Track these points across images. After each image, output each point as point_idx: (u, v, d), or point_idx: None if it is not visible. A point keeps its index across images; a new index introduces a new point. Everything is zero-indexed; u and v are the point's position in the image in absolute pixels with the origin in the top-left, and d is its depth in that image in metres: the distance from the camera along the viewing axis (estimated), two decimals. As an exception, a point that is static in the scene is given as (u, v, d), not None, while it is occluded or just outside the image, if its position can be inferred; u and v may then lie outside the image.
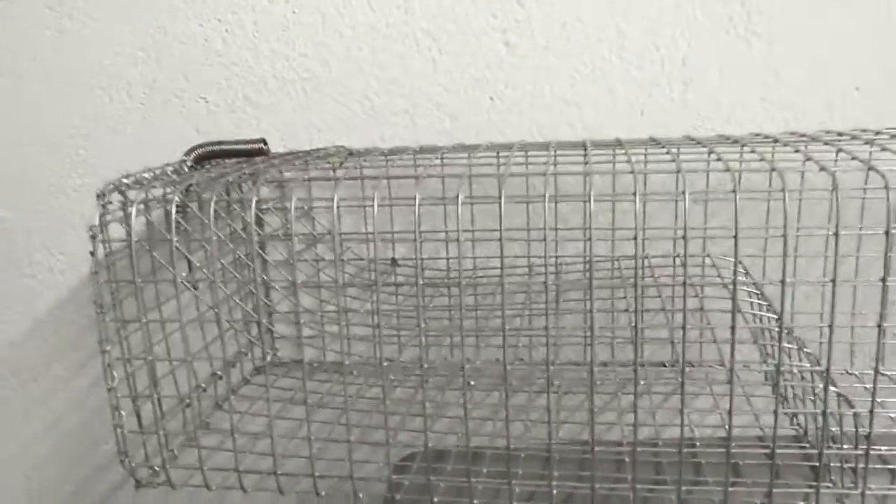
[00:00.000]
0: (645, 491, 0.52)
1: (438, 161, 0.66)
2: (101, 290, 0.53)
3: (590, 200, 0.45)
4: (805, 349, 0.51)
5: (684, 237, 0.45)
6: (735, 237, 0.45)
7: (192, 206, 0.65)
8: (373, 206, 0.48)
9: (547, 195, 0.47)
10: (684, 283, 0.49)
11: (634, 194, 0.45)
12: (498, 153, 0.65)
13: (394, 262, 0.75)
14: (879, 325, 0.42)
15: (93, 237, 0.52)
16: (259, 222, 0.77)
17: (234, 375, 0.74)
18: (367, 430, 0.63)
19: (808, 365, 0.49)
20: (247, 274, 0.76)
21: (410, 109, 0.76)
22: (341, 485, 0.55)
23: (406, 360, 0.77)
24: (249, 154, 0.65)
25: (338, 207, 0.49)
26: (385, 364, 0.54)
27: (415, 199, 0.48)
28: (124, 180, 0.55)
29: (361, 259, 0.77)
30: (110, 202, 0.54)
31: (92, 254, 0.52)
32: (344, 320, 0.74)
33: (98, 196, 0.53)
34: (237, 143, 0.65)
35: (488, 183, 0.73)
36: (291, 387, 0.72)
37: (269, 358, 0.79)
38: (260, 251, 0.78)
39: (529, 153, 0.65)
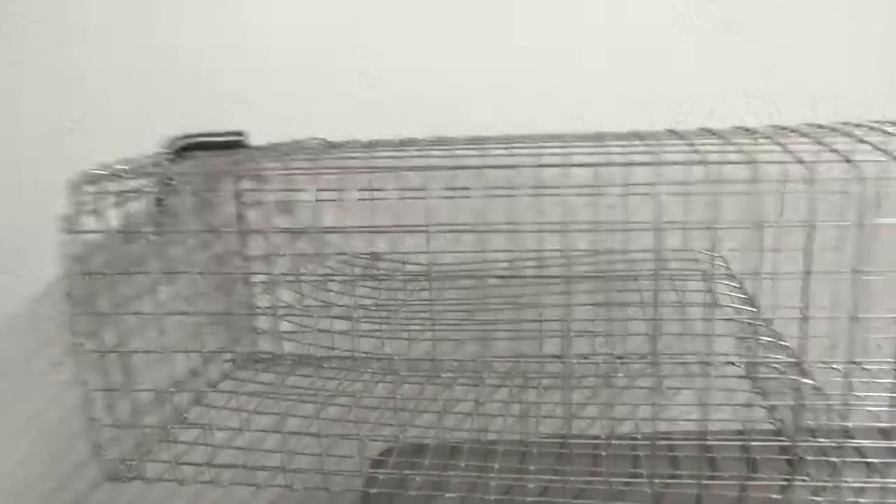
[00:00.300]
0: (621, 485, 0.52)
1: (419, 154, 0.66)
2: (74, 282, 0.53)
3: (574, 186, 0.45)
4: (782, 342, 0.50)
5: (659, 229, 0.45)
6: (708, 228, 0.44)
7: (169, 199, 0.65)
8: (352, 199, 0.48)
9: (527, 188, 0.47)
10: (656, 275, 0.49)
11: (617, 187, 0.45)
12: (480, 146, 0.65)
13: (374, 256, 0.75)
14: (853, 317, 0.42)
15: (64, 229, 0.51)
16: (240, 216, 0.77)
17: (215, 371, 0.73)
18: (345, 424, 0.63)
19: (784, 358, 0.49)
20: (227, 268, 0.75)
21: (396, 103, 0.75)
22: (320, 479, 0.55)
23: (387, 355, 0.77)
24: (228, 146, 0.65)
25: (317, 201, 0.49)
26: (361, 357, 0.54)
27: (390, 191, 0.47)
28: (98, 171, 0.54)
29: (343, 253, 0.77)
30: (84, 193, 0.53)
31: (63, 245, 0.52)
32: (318, 314, 0.73)
33: (70, 187, 0.52)
34: (216, 135, 0.65)
35: (470, 176, 0.72)
36: (272, 381, 0.72)
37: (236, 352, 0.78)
38: (241, 245, 0.77)
39: (512, 146, 0.64)
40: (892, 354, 0.43)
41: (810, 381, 0.44)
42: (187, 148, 0.63)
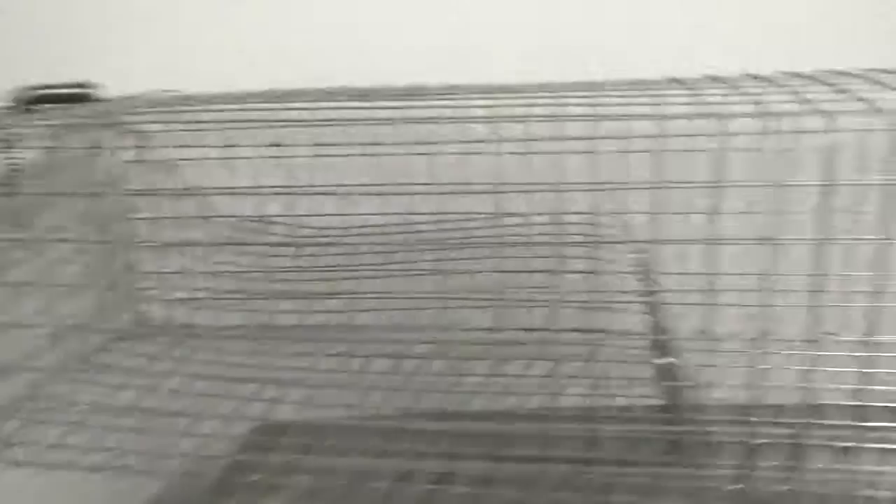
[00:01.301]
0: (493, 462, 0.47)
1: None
2: None
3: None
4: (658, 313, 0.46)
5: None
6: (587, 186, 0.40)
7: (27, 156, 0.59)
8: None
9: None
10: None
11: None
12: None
13: (264, 220, 0.70)
14: (708, 289, 0.37)
15: None
16: (119, 176, 0.71)
17: (89, 343, 0.68)
18: (213, 400, 0.58)
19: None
20: (108, 233, 0.70)
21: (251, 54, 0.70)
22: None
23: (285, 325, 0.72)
24: (76, 99, 0.59)
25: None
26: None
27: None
28: None
29: (232, 217, 0.71)
30: None
31: None
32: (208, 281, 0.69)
33: None
34: (63, 86, 0.59)
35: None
36: (156, 354, 0.67)
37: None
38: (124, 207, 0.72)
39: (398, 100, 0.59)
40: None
41: (669, 360, 0.40)
42: (30, 100, 0.57)
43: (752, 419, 0.47)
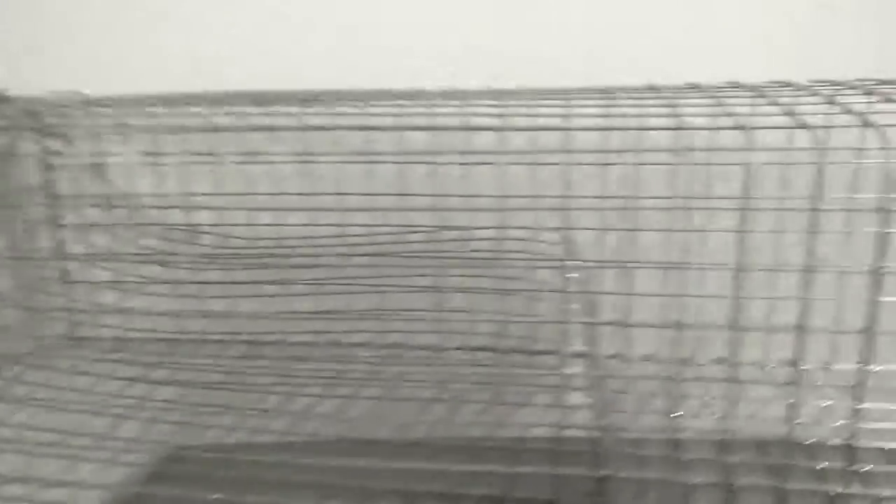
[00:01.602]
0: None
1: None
2: None
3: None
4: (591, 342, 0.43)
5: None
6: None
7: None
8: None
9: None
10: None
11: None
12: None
13: (194, 229, 0.66)
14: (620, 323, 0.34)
15: None
16: (47, 180, 0.68)
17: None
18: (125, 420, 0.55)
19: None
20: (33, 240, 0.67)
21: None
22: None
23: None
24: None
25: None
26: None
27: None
28: None
29: (159, 224, 0.68)
30: None
31: None
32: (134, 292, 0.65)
33: None
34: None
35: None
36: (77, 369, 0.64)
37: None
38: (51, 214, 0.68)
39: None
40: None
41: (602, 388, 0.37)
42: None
43: (686, 457, 0.44)
